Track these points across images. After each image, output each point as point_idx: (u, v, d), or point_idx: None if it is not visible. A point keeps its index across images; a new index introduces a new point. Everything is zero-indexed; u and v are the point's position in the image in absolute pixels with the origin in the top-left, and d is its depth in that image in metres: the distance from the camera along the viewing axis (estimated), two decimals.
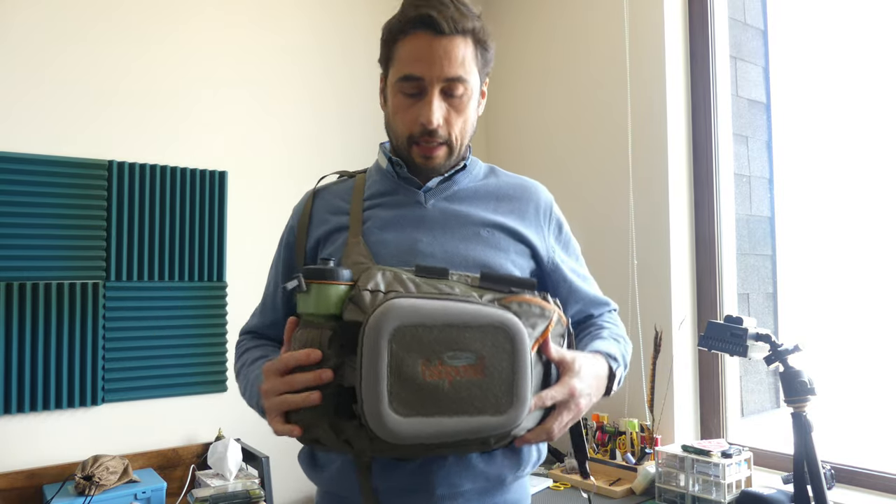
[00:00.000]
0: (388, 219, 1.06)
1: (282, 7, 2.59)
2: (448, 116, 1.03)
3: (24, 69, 2.05)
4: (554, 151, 2.74)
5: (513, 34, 2.96)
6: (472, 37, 1.03)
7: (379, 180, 1.13)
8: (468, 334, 0.84)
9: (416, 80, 1.01)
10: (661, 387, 2.24)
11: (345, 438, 0.86)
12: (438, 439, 0.83)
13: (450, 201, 1.09)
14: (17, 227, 2.00)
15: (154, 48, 2.29)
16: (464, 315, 0.85)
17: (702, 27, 2.35)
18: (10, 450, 1.98)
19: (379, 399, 0.81)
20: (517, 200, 1.14)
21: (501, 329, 0.85)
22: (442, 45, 1.00)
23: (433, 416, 0.82)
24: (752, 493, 1.85)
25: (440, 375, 0.83)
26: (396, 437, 0.82)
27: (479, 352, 0.84)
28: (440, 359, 0.83)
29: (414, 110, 1.03)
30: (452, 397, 0.83)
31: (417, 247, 1.03)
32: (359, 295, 0.87)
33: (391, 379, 0.81)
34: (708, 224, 2.32)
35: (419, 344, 0.83)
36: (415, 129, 1.03)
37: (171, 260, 2.25)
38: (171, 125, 2.31)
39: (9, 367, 1.97)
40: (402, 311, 0.83)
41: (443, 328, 0.83)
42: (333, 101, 2.70)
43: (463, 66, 1.01)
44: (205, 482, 2.05)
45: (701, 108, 2.35)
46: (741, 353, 1.48)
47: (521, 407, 0.85)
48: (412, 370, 0.82)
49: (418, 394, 0.82)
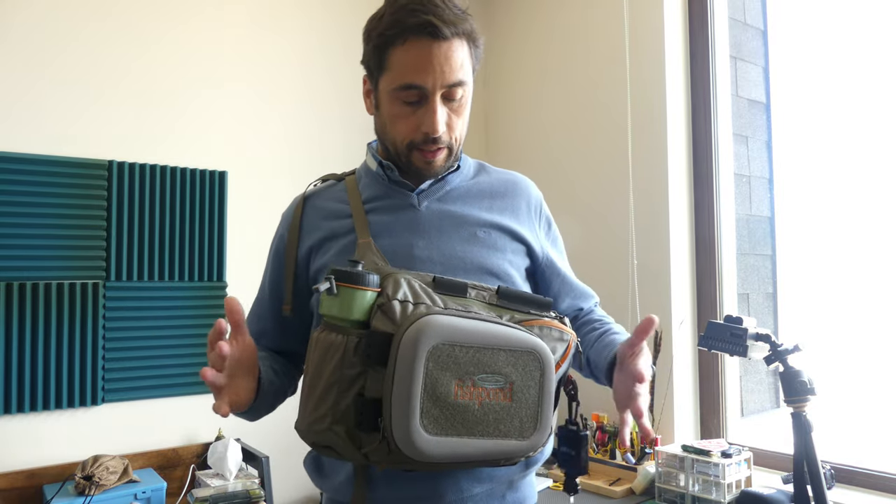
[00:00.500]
0: (383, 223, 1.04)
1: (282, 6, 2.59)
2: (450, 122, 1.02)
3: (24, 69, 2.05)
4: (554, 151, 2.73)
5: (512, 34, 2.96)
6: (467, 38, 1.01)
7: (370, 183, 1.10)
8: (501, 358, 0.84)
9: (418, 89, 0.98)
10: (661, 387, 2.24)
11: (364, 451, 0.85)
12: (463, 459, 0.83)
13: (443, 202, 1.08)
14: (17, 227, 2.00)
15: (154, 48, 2.29)
16: (498, 338, 0.85)
17: (702, 27, 2.35)
18: (10, 450, 1.98)
19: (410, 417, 0.80)
20: (510, 197, 1.13)
21: (533, 355, 0.86)
22: (442, 51, 0.97)
23: (460, 436, 0.82)
24: (752, 493, 1.85)
25: (471, 397, 0.83)
26: (423, 455, 0.81)
27: (510, 376, 0.84)
28: (472, 380, 0.83)
29: (415, 118, 1.00)
30: (480, 419, 0.83)
31: (413, 252, 1.01)
32: (389, 305, 0.85)
33: (424, 397, 0.80)
34: (708, 224, 2.32)
35: (455, 363, 0.82)
36: (416, 136, 1.01)
37: (171, 260, 2.25)
38: (172, 125, 2.31)
39: (9, 367, 1.97)
40: (441, 329, 0.82)
41: (479, 349, 0.83)
42: (334, 101, 2.70)
43: (462, 70, 1.00)
44: (205, 482, 2.05)
45: (701, 108, 2.35)
46: (741, 353, 1.48)
47: (544, 433, 0.87)
48: (445, 389, 0.81)
49: (449, 413, 0.82)
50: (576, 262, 1.24)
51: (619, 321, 1.19)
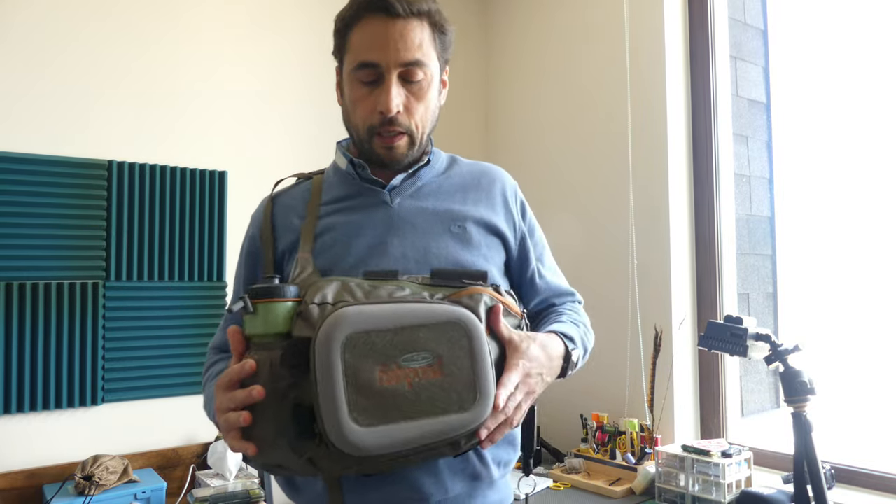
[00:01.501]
0: (354, 223, 1.02)
1: (282, 6, 2.59)
2: (408, 104, 1.00)
3: (24, 69, 2.05)
4: (554, 151, 2.73)
5: (512, 34, 2.96)
6: (427, 20, 1.00)
7: (337, 182, 1.08)
8: (422, 334, 0.82)
9: (373, 67, 0.97)
10: (661, 387, 2.24)
11: (308, 458, 0.83)
12: (404, 446, 0.80)
13: (416, 198, 1.06)
14: (17, 227, 2.00)
15: (154, 48, 2.29)
16: (415, 315, 0.82)
17: (702, 27, 2.35)
18: (10, 450, 1.98)
19: (338, 412, 0.77)
20: (483, 189, 1.11)
21: (457, 325, 0.83)
22: (397, 28, 0.96)
23: (396, 422, 0.79)
24: (752, 493, 1.85)
25: (398, 379, 0.80)
26: (360, 449, 0.78)
27: (436, 351, 0.82)
28: (396, 362, 0.80)
29: (372, 99, 0.99)
30: (413, 400, 0.80)
31: (388, 250, 1.00)
32: (306, 310, 0.84)
33: (348, 389, 0.78)
34: (708, 224, 2.32)
35: (373, 350, 0.80)
36: (374, 119, 0.99)
37: (170, 260, 2.25)
38: (172, 125, 2.31)
39: (9, 367, 1.97)
40: (352, 319, 0.80)
41: (396, 331, 0.81)
42: (334, 101, 2.69)
43: (420, 50, 0.98)
44: (205, 482, 2.05)
45: (701, 108, 2.35)
46: (741, 353, 1.48)
47: (486, 401, 0.83)
48: (369, 377, 0.79)
49: (378, 401, 0.79)
50: (576, 262, 1.24)
51: (619, 321, 1.18)
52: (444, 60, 1.07)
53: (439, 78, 1.07)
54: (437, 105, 1.06)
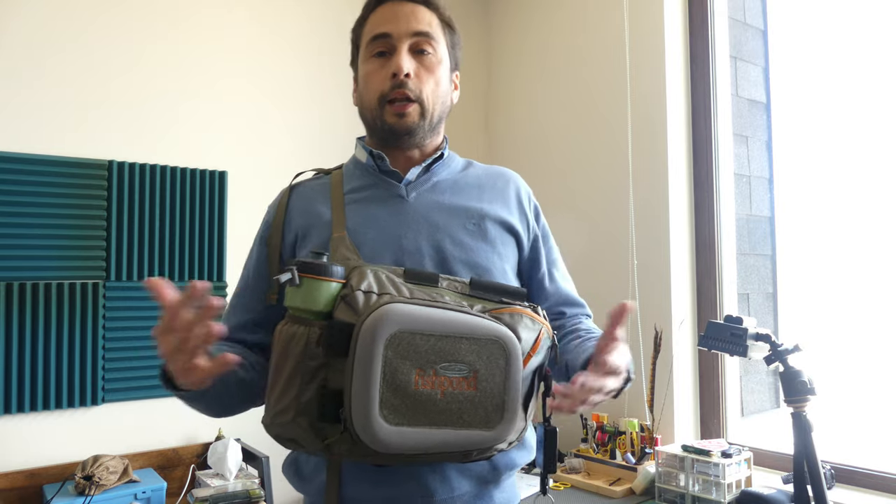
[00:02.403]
0: (371, 214, 1.03)
1: (284, 6, 2.59)
2: (418, 72, 1.03)
3: (25, 69, 2.05)
4: (554, 152, 2.73)
5: (512, 34, 2.96)
6: (436, 13, 1.07)
7: (358, 175, 1.10)
8: (464, 346, 0.82)
9: (385, 38, 1.03)
10: (661, 387, 2.24)
11: (327, 442, 0.84)
12: (423, 450, 0.81)
13: (432, 193, 1.07)
14: (17, 227, 2.00)
15: (154, 48, 2.29)
16: (461, 326, 0.83)
17: (702, 27, 2.35)
18: (10, 450, 1.98)
19: (369, 406, 0.78)
20: (498, 189, 1.12)
21: (497, 343, 0.84)
22: (408, 8, 1.04)
23: (422, 426, 0.80)
24: (752, 493, 1.85)
25: (433, 386, 0.81)
26: (383, 445, 0.79)
27: (474, 365, 0.82)
28: (434, 369, 0.81)
29: (384, 70, 1.03)
30: (443, 409, 0.81)
31: (402, 243, 1.00)
32: (352, 295, 0.84)
33: (383, 386, 0.79)
34: (708, 224, 2.32)
35: (415, 352, 0.80)
36: (385, 85, 1.02)
37: (171, 260, 2.25)
38: (172, 125, 2.31)
39: (9, 367, 1.97)
40: (400, 317, 0.80)
41: (440, 338, 0.82)
42: (335, 101, 2.70)
43: (430, 27, 1.05)
44: (205, 482, 2.05)
45: (701, 108, 2.35)
46: (741, 353, 1.48)
47: (510, 423, 0.84)
48: (405, 378, 0.80)
49: (409, 403, 0.80)
50: (576, 263, 1.24)
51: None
52: (454, 58, 1.11)
53: (450, 68, 1.10)
54: (448, 89, 1.10)
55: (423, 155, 1.10)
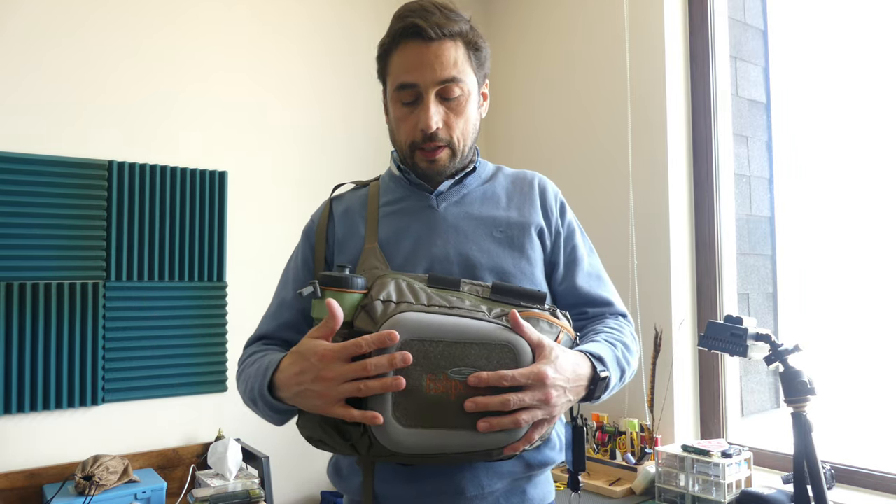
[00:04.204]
0: (403, 224, 1.08)
1: (286, 7, 2.59)
2: (447, 119, 1.04)
3: (25, 69, 2.05)
4: (554, 151, 2.73)
5: (512, 34, 2.96)
6: (461, 39, 1.05)
7: (393, 187, 1.14)
8: (474, 351, 0.86)
9: (411, 88, 1.03)
10: (661, 387, 2.24)
11: (351, 443, 0.89)
12: (440, 450, 0.85)
13: (461, 205, 1.11)
14: (17, 227, 2.00)
15: (154, 48, 2.29)
16: (470, 332, 0.86)
17: (702, 27, 2.35)
18: (10, 450, 1.98)
19: (383, 409, 0.83)
20: (524, 193, 1.15)
21: (506, 348, 0.87)
22: (431, 50, 1.02)
23: (435, 427, 0.84)
24: (752, 493, 1.85)
25: (444, 389, 0.85)
26: (399, 446, 0.84)
27: (484, 369, 0.85)
28: (445, 373, 0.85)
29: (413, 118, 1.05)
30: (455, 412, 0.84)
31: (432, 251, 1.04)
32: (371, 305, 0.89)
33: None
34: (708, 224, 2.32)
35: (425, 358, 0.85)
36: (416, 135, 1.05)
37: (171, 260, 2.25)
38: (172, 125, 2.31)
39: (9, 367, 1.97)
40: (410, 325, 0.85)
41: (449, 344, 0.86)
42: (336, 102, 2.70)
43: (456, 67, 1.03)
44: (205, 482, 2.05)
45: (701, 108, 2.35)
46: (741, 353, 1.48)
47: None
48: (416, 383, 0.84)
49: (422, 406, 0.84)
50: None
51: None
52: (482, 75, 1.12)
53: (478, 91, 1.12)
54: (477, 118, 1.12)
55: (453, 167, 1.13)
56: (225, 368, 2.34)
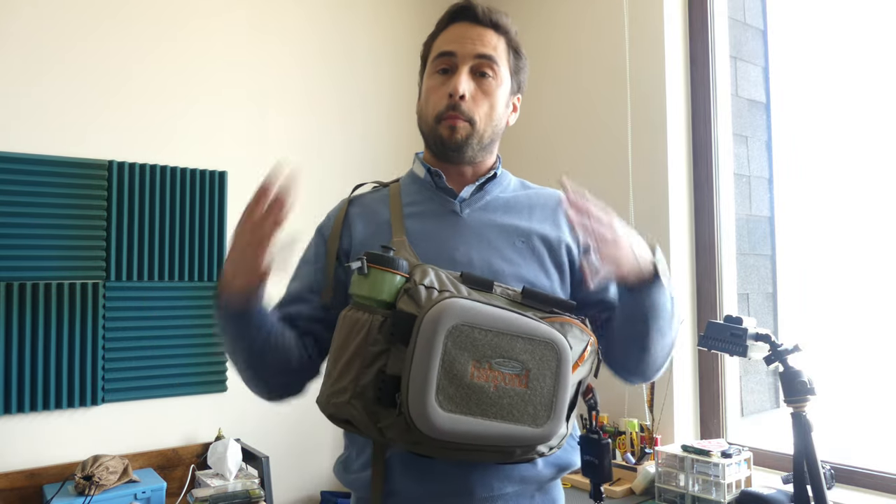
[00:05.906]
0: (426, 227, 1.08)
1: (283, 9, 2.59)
2: (475, 95, 1.07)
3: (25, 69, 2.05)
4: (553, 151, 2.73)
5: None
6: (505, 37, 1.10)
7: (415, 189, 1.15)
8: (519, 345, 0.87)
9: (449, 56, 1.07)
10: (661, 387, 2.24)
11: (380, 426, 0.88)
12: (473, 440, 0.85)
13: (484, 211, 1.11)
14: (17, 227, 2.00)
15: (155, 49, 2.29)
16: (517, 325, 0.88)
17: (702, 27, 2.36)
18: (10, 450, 1.98)
19: (427, 391, 0.83)
20: (550, 207, 1.16)
21: (550, 345, 0.88)
22: (476, 30, 1.08)
23: (474, 415, 0.85)
24: (752, 493, 1.85)
25: (487, 378, 0.85)
26: (436, 430, 0.83)
27: (526, 363, 0.87)
28: (489, 362, 0.86)
29: (443, 88, 1.07)
30: (495, 401, 0.85)
31: (455, 255, 1.05)
32: (415, 288, 0.90)
33: (441, 373, 0.84)
34: (708, 224, 2.32)
35: (473, 345, 0.85)
36: (442, 104, 1.07)
37: (171, 260, 2.25)
38: (172, 125, 2.31)
39: (9, 367, 1.97)
40: (462, 311, 0.86)
41: (497, 334, 0.86)
42: (334, 102, 2.71)
43: (495, 51, 1.08)
44: (205, 482, 2.05)
45: (701, 109, 2.35)
46: (741, 353, 1.48)
47: (558, 423, 0.88)
48: (462, 369, 0.85)
49: (464, 392, 0.85)
50: None
51: None
52: (516, 81, 1.15)
53: (510, 91, 1.13)
54: (503, 113, 1.12)
55: (476, 174, 1.14)
56: (225, 368, 2.35)
